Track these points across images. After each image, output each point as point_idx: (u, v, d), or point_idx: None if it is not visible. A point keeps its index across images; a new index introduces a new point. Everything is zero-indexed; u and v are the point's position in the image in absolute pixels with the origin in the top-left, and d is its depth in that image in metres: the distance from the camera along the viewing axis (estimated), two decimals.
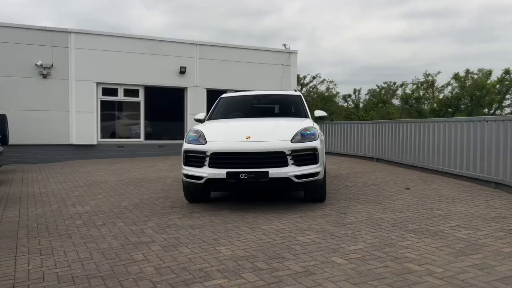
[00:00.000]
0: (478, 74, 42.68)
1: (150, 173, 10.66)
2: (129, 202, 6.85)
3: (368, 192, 7.36)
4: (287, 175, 5.66)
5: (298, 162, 5.75)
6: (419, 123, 10.07)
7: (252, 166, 5.65)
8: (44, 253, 4.34)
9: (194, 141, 6.07)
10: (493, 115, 39.17)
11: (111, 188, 8.34)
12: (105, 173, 10.75)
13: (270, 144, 5.75)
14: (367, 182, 8.47)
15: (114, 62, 15.09)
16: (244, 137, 5.87)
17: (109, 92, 15.27)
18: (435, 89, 44.84)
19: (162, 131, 16.43)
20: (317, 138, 6.00)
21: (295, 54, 17.95)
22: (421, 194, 7.10)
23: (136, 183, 8.98)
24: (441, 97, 43.64)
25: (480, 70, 41.99)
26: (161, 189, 8.07)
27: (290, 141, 5.81)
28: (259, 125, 6.54)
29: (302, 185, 5.85)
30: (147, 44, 15.62)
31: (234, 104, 7.80)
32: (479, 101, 39.05)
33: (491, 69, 42.03)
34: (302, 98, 7.69)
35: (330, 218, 5.47)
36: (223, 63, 16.59)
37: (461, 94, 40.80)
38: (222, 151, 5.77)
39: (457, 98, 40.47)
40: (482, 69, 41.83)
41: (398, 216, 5.53)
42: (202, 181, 5.82)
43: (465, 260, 3.81)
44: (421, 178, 8.95)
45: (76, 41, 14.59)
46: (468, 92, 40.68)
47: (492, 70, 41.84)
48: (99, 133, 15.14)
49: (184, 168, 6.08)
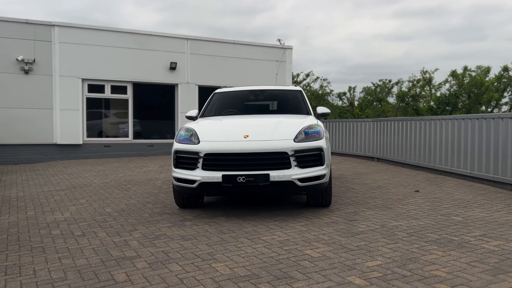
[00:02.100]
0: (475, 71, 42.21)
1: (138, 174, 10.00)
2: (114, 208, 6.20)
3: (376, 195, 6.78)
4: (290, 178, 5.05)
5: (302, 163, 5.15)
6: (425, 120, 9.53)
7: (251, 168, 5.04)
8: (10, 272, 3.69)
9: (186, 141, 5.44)
10: (491, 112, 38.89)
11: (95, 192, 7.68)
12: (90, 175, 10.07)
13: (271, 144, 5.14)
14: (372, 184, 7.90)
15: (100, 57, 14.37)
16: (241, 136, 5.25)
17: (95, 89, 14.53)
18: (432, 87, 44.38)
19: (151, 130, 15.73)
20: (322, 136, 5.41)
21: (290, 50, 17.34)
22: (433, 197, 6.54)
23: (123, 185, 8.33)
24: (439, 94, 43.08)
25: (479, 67, 41.52)
26: (150, 193, 7.43)
27: (293, 140, 5.21)
28: (258, 122, 5.94)
29: (306, 189, 5.26)
30: (136, 39, 14.92)
31: (229, 100, 7.18)
32: (478, 98, 38.53)
33: (489, 66, 41.43)
34: (303, 93, 7.09)
35: (339, 226, 4.88)
36: (215, 58, 15.94)
37: (459, 92, 40.27)
38: (217, 152, 5.15)
39: (455, 95, 39.95)
40: (481, 66, 41.36)
41: (414, 223, 4.96)
42: (194, 185, 5.20)
43: (505, 279, 3.25)
44: (429, 179, 8.40)
45: (60, 34, 13.84)
46: (466, 90, 40.06)
47: (490, 67, 41.25)
48: (84, 132, 14.41)
49: (175, 171, 5.45)
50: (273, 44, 17.33)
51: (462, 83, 41.47)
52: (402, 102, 43.06)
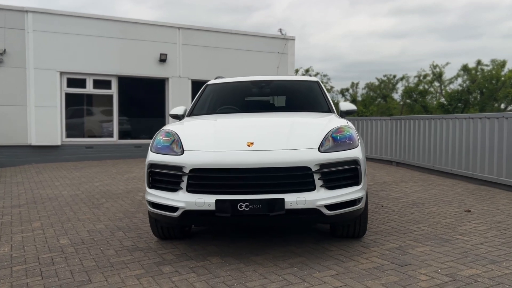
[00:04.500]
0: (488, 66, 40.09)
1: (118, 183, 8.42)
2: (72, 238, 4.62)
3: (417, 217, 5.23)
4: (314, 205, 3.50)
5: (330, 182, 3.60)
6: (460, 119, 7.97)
7: (258, 190, 3.49)
8: None
9: (165, 150, 3.87)
10: (505, 110, 37.17)
11: (58, 209, 6.10)
12: (62, 183, 8.48)
13: (286, 155, 3.57)
14: (404, 199, 6.36)
15: (81, 48, 12.74)
16: (243, 144, 3.69)
17: (75, 83, 12.90)
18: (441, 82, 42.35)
19: (139, 129, 14.11)
20: (357, 143, 3.85)
21: (293, 41, 15.76)
22: (494, 221, 5.00)
23: (95, 200, 6.75)
24: (450, 90, 40.99)
25: (493, 60, 39.55)
26: (125, 212, 5.86)
27: (318, 149, 3.65)
28: (265, 124, 4.36)
29: (336, 218, 3.70)
30: (121, 27, 13.28)
31: (226, 94, 5.59)
32: (492, 94, 36.62)
33: (505, 60, 39.14)
34: (321, 85, 5.50)
35: (388, 277, 3.33)
36: (210, 50, 14.34)
37: (472, 87, 38.25)
38: (208, 167, 3.58)
39: (468, 91, 38.02)
40: (495, 60, 39.39)
41: (495, 270, 3.41)
42: (176, 214, 3.64)
43: None
44: (471, 191, 6.86)
45: (34, 22, 12.21)
46: (481, 85, 37.88)
47: (506, 61, 38.95)
48: (63, 131, 12.80)
49: (149, 192, 3.88)
50: (274, 34, 15.75)
51: (475, 77, 39.41)
52: (409, 99, 41.18)
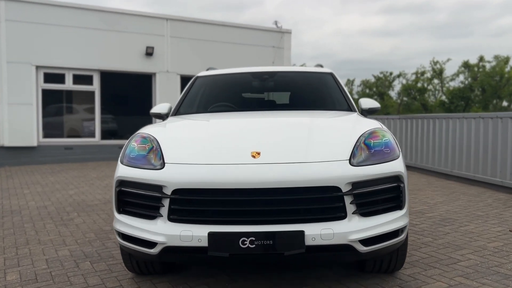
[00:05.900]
0: (490, 62, 39.10)
1: (96, 190, 7.39)
2: (22, 273, 3.60)
3: (455, 240, 4.28)
4: (345, 239, 2.52)
5: (366, 208, 2.63)
6: (486, 118, 7.06)
7: (267, 220, 2.50)
8: None
9: (140, 161, 2.85)
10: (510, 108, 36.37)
11: (18, 227, 5.07)
12: (32, 191, 7.44)
13: (306, 171, 2.57)
14: (430, 214, 5.42)
15: (60, 40, 11.66)
16: (246, 154, 2.68)
17: (53, 79, 11.82)
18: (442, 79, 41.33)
19: (123, 128, 13.05)
20: (398, 153, 2.89)
21: (289, 34, 14.80)
22: None
23: (65, 214, 5.72)
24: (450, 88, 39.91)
25: (496, 57, 38.71)
26: (98, 231, 4.84)
27: (349, 162, 2.66)
28: (274, 126, 3.30)
29: (371, 255, 2.73)
30: (104, 18, 12.21)
31: (220, 88, 4.56)
32: (496, 92, 35.74)
33: (508, 56, 38.24)
34: (336, 77, 4.51)
35: None
36: (201, 43, 13.31)
37: (475, 84, 37.31)
38: (198, 187, 2.58)
39: (470, 89, 37.13)
40: (499, 56, 38.58)
41: None
42: (154, 251, 2.64)
43: None
44: (505, 203, 5.94)
45: (7, 10, 11.11)
46: (484, 82, 36.87)
47: (509, 57, 38.03)
48: (40, 131, 11.72)
49: (119, 220, 2.89)
50: (269, 27, 14.77)
51: (476, 74, 38.46)
52: (407, 96, 40.22)
